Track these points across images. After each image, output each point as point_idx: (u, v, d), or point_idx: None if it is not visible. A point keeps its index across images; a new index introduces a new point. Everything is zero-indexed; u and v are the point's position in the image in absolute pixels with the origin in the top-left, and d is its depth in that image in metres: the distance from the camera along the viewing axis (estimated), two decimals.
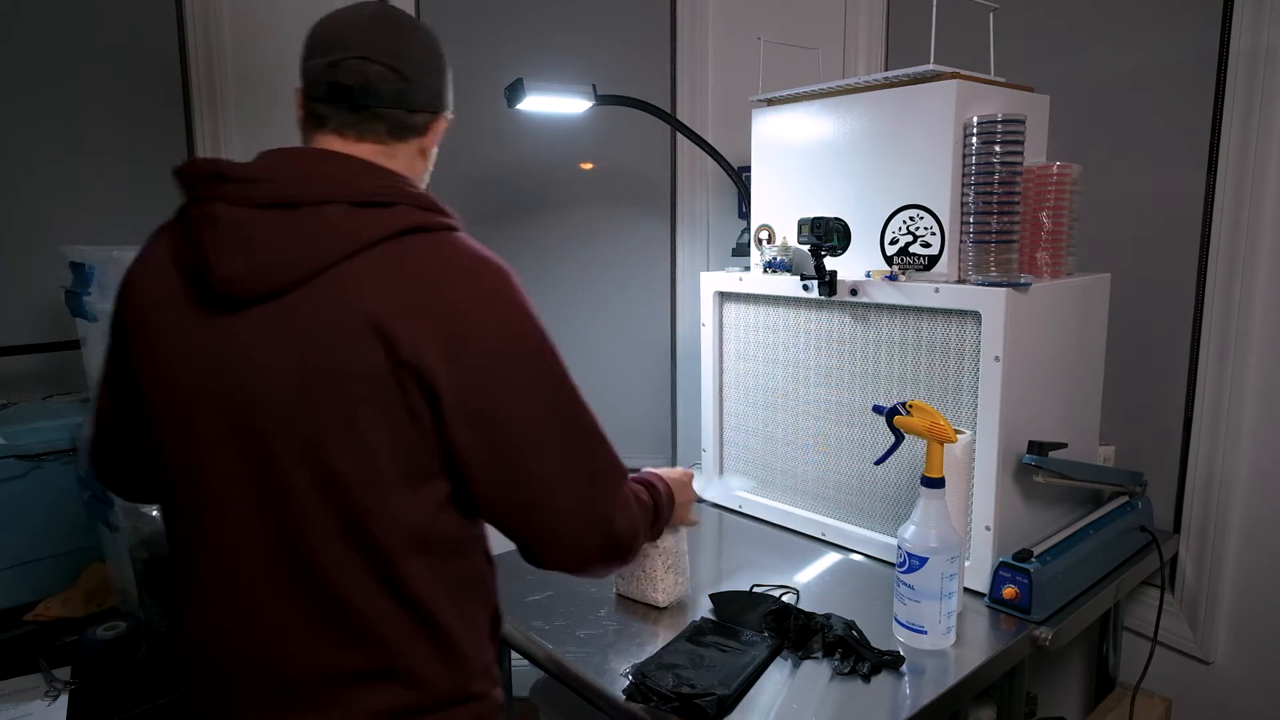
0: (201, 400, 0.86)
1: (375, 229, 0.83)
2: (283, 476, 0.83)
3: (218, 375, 0.85)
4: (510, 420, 0.85)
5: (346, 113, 0.90)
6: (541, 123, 2.17)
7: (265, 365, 0.83)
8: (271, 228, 0.82)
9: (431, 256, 0.84)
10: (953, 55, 1.38)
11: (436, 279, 0.83)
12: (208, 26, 2.17)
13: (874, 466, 1.51)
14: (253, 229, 0.82)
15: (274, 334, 0.83)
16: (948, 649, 1.22)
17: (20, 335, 1.93)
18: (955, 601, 1.22)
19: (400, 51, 0.90)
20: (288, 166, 0.86)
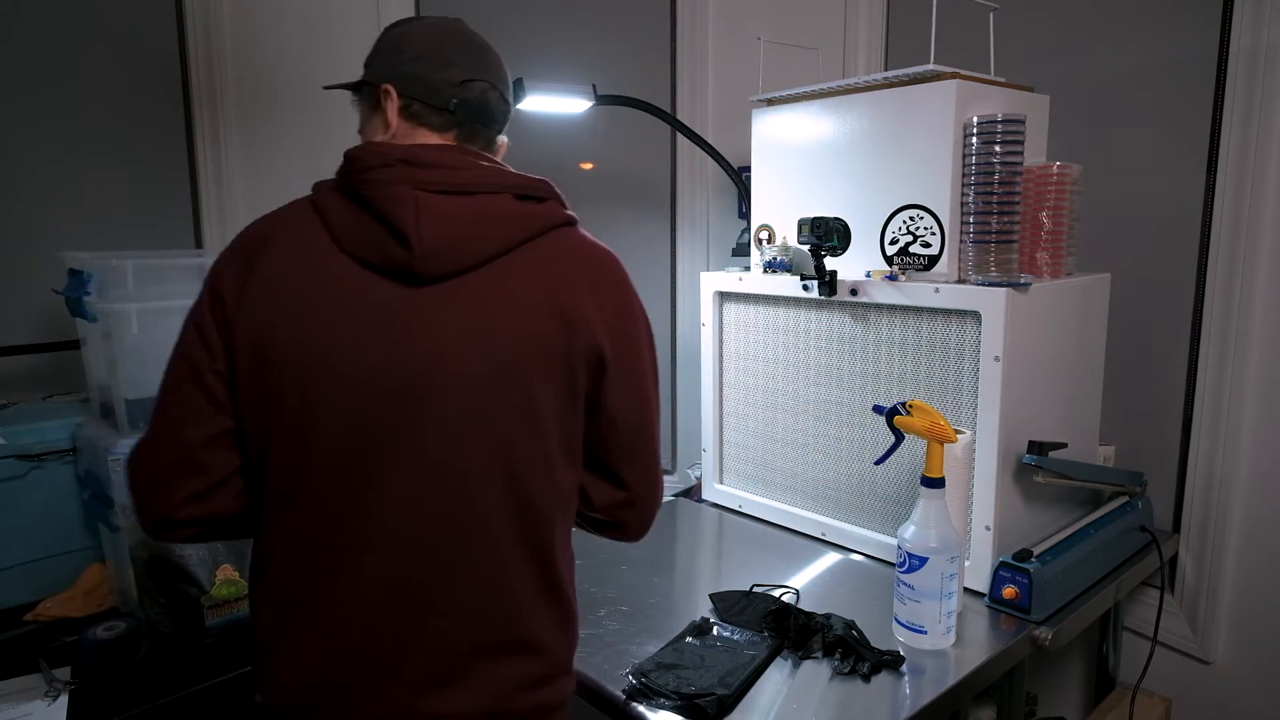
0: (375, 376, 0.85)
1: (540, 220, 0.93)
2: (454, 448, 0.87)
3: (396, 349, 0.85)
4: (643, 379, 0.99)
5: (472, 129, 0.98)
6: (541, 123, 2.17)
7: (448, 339, 0.86)
8: (462, 211, 0.88)
9: (585, 248, 0.96)
10: (953, 55, 1.38)
11: (593, 268, 0.95)
12: (208, 27, 2.17)
13: (874, 466, 1.51)
14: (446, 209, 0.87)
15: (461, 308, 0.87)
16: (948, 649, 1.22)
17: (20, 335, 1.93)
18: (955, 601, 1.22)
19: (505, 80, 1.03)
20: (454, 159, 0.92)
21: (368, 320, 0.86)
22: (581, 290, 0.92)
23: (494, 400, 0.88)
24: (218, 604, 1.39)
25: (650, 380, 1.01)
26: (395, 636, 0.88)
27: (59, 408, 1.74)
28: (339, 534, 0.88)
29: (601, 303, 0.93)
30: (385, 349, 0.85)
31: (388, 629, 0.88)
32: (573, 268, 0.93)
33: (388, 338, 0.86)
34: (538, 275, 0.90)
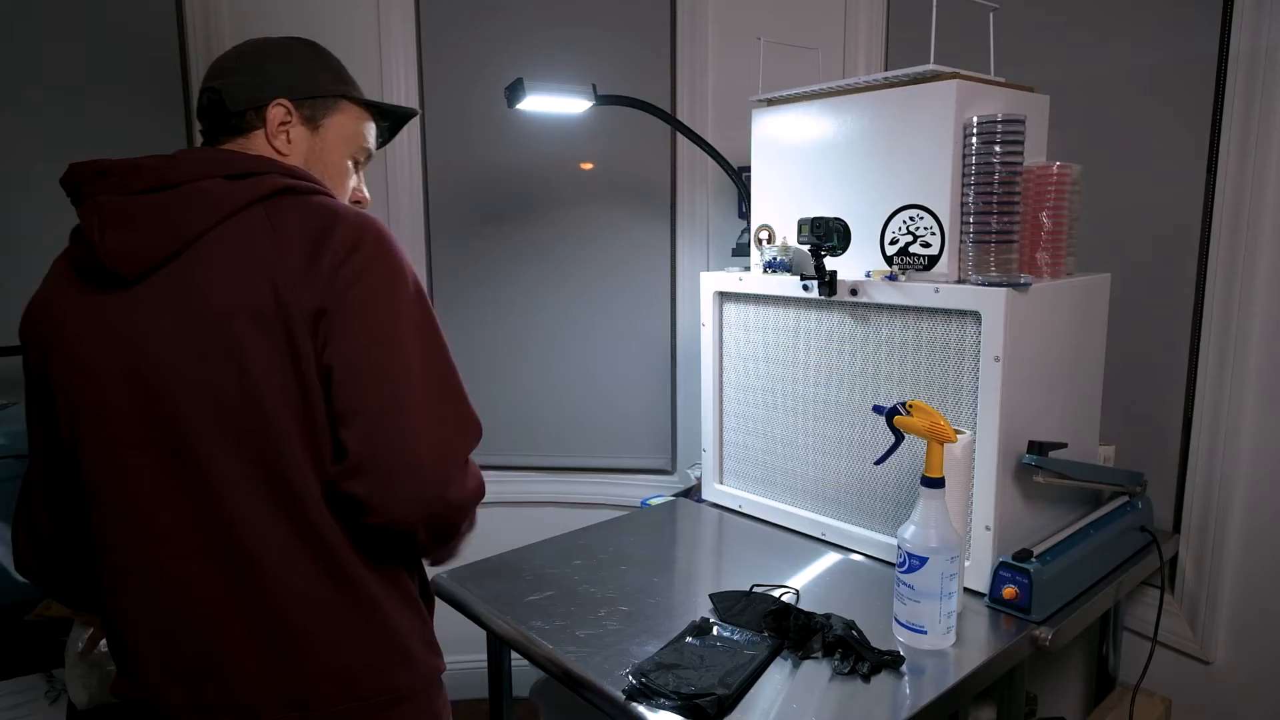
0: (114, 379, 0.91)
1: (250, 192, 0.92)
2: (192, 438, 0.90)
3: (123, 351, 0.91)
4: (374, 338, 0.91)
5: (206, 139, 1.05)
6: (541, 123, 2.17)
7: (163, 331, 0.90)
8: (151, 206, 0.91)
9: (306, 210, 0.92)
10: (953, 55, 1.38)
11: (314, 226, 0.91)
12: (208, 29, 2.17)
13: (874, 466, 1.51)
14: (134, 209, 0.91)
15: (168, 299, 0.90)
16: (948, 649, 1.22)
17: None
18: (955, 601, 1.22)
19: (215, 73, 1.04)
20: (166, 156, 0.96)
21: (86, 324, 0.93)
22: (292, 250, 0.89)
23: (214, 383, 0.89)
24: None
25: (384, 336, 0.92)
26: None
27: None
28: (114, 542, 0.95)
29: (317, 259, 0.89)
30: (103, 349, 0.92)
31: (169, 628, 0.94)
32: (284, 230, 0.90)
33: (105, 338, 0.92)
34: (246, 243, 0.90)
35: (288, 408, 0.89)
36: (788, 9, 2.17)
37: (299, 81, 1.04)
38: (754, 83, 1.72)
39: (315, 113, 1.06)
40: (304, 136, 1.05)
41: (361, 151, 1.11)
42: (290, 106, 1.03)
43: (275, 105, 1.02)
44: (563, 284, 2.44)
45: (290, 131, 1.04)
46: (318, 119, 1.06)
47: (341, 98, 1.08)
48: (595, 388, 2.48)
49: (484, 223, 2.44)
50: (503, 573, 1.48)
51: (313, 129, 1.06)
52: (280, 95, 1.03)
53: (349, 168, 1.11)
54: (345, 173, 1.10)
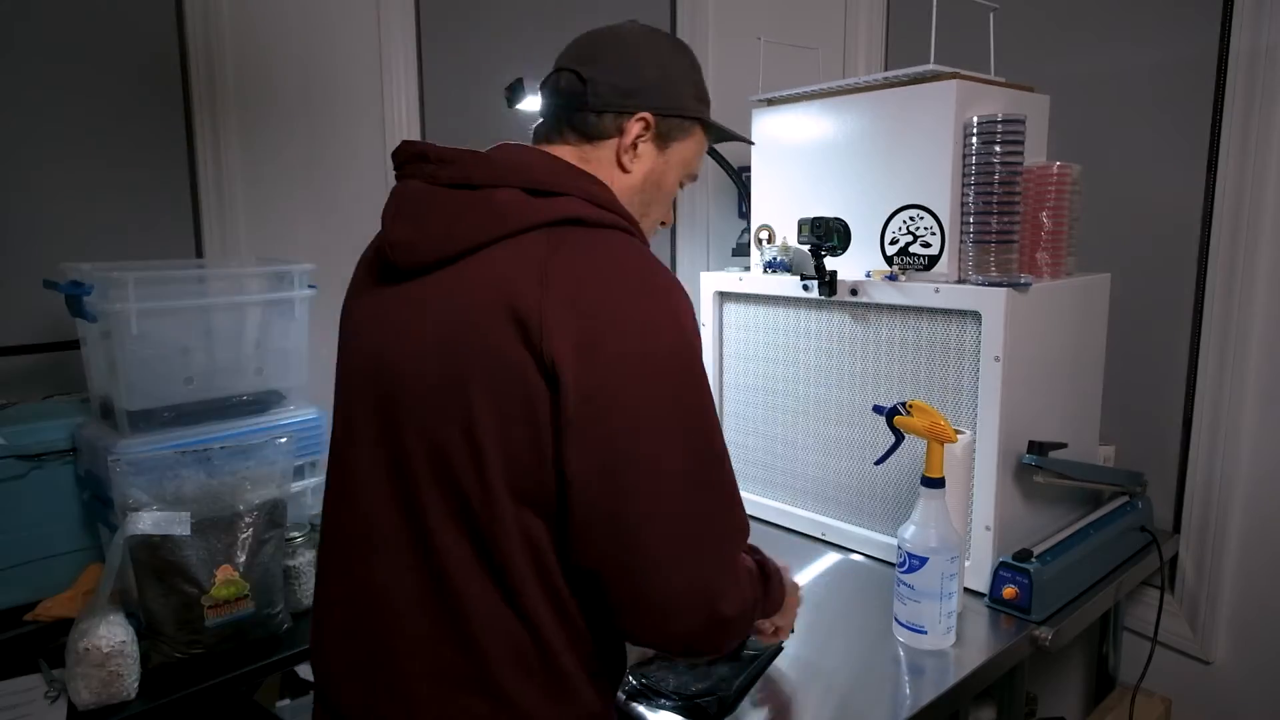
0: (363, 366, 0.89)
1: (538, 215, 0.82)
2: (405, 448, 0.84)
3: (374, 340, 0.88)
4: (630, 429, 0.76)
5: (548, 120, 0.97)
6: None
7: (409, 334, 0.84)
8: (448, 203, 0.86)
9: (585, 249, 0.81)
10: (953, 55, 1.38)
11: (583, 272, 0.79)
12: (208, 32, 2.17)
13: (874, 466, 1.51)
14: (431, 202, 0.86)
15: (424, 303, 0.84)
16: (948, 649, 1.22)
17: (20, 335, 1.93)
18: (955, 601, 1.22)
19: (587, 56, 0.95)
20: (483, 153, 0.89)
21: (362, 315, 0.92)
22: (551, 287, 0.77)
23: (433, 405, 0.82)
24: (218, 604, 1.39)
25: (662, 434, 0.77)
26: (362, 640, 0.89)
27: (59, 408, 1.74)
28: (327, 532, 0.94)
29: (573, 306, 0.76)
30: (366, 343, 0.90)
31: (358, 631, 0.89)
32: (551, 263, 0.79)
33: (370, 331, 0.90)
34: (510, 271, 0.79)
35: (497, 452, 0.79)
36: (788, 9, 2.16)
37: (669, 95, 0.96)
38: (754, 83, 1.72)
39: (670, 131, 0.97)
40: (650, 154, 0.97)
41: (692, 176, 1.05)
42: (652, 122, 0.95)
43: (639, 119, 0.94)
44: None
45: (640, 146, 0.95)
46: (670, 138, 0.97)
47: (698, 121, 1.00)
48: None
49: None
50: None
51: (661, 148, 0.97)
52: (648, 108, 0.94)
53: (675, 191, 1.04)
54: (670, 196, 1.03)
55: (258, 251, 2.19)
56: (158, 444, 1.51)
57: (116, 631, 1.27)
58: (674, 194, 1.03)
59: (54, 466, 1.61)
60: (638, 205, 0.97)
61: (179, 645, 1.37)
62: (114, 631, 1.27)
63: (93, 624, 1.26)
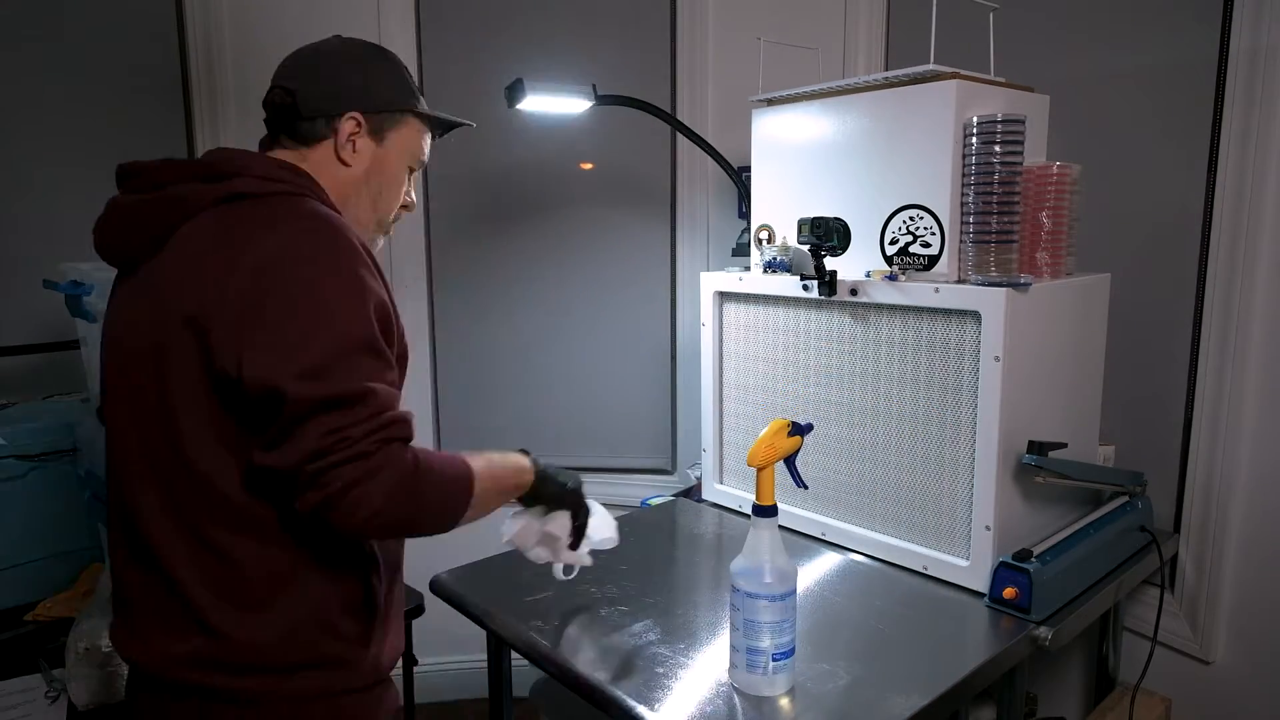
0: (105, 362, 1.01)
1: (206, 197, 0.94)
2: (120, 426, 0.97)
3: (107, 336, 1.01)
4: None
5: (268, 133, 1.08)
6: (541, 123, 2.17)
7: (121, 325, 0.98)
8: (137, 206, 0.98)
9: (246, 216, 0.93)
10: (953, 55, 1.38)
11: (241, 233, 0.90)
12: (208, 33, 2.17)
13: (874, 466, 1.51)
14: (125, 208, 0.99)
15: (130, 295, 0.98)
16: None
17: (20, 335, 1.94)
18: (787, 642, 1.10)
19: (293, 72, 1.06)
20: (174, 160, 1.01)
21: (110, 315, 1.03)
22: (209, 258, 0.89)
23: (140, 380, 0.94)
24: None
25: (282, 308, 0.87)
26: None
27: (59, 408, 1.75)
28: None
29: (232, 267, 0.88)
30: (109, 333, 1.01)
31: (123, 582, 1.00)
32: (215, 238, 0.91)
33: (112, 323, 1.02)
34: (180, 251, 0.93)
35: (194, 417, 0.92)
36: (788, 9, 2.17)
37: (373, 95, 1.06)
38: (754, 83, 1.72)
39: (382, 125, 1.08)
40: (369, 148, 1.07)
41: (417, 161, 1.14)
42: (361, 119, 1.05)
43: (348, 118, 1.05)
44: (563, 284, 2.44)
45: (357, 142, 1.06)
46: (384, 131, 1.08)
47: (408, 112, 1.10)
48: (595, 388, 2.48)
49: (484, 223, 2.44)
50: (503, 573, 1.48)
51: (378, 141, 1.08)
52: (354, 108, 1.05)
53: (404, 177, 1.14)
54: (399, 183, 1.13)
55: None
56: None
57: None
58: (403, 180, 1.13)
59: (54, 466, 1.61)
60: (367, 194, 1.08)
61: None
62: None
63: (93, 624, 1.26)
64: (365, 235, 1.08)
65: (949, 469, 1.41)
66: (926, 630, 1.28)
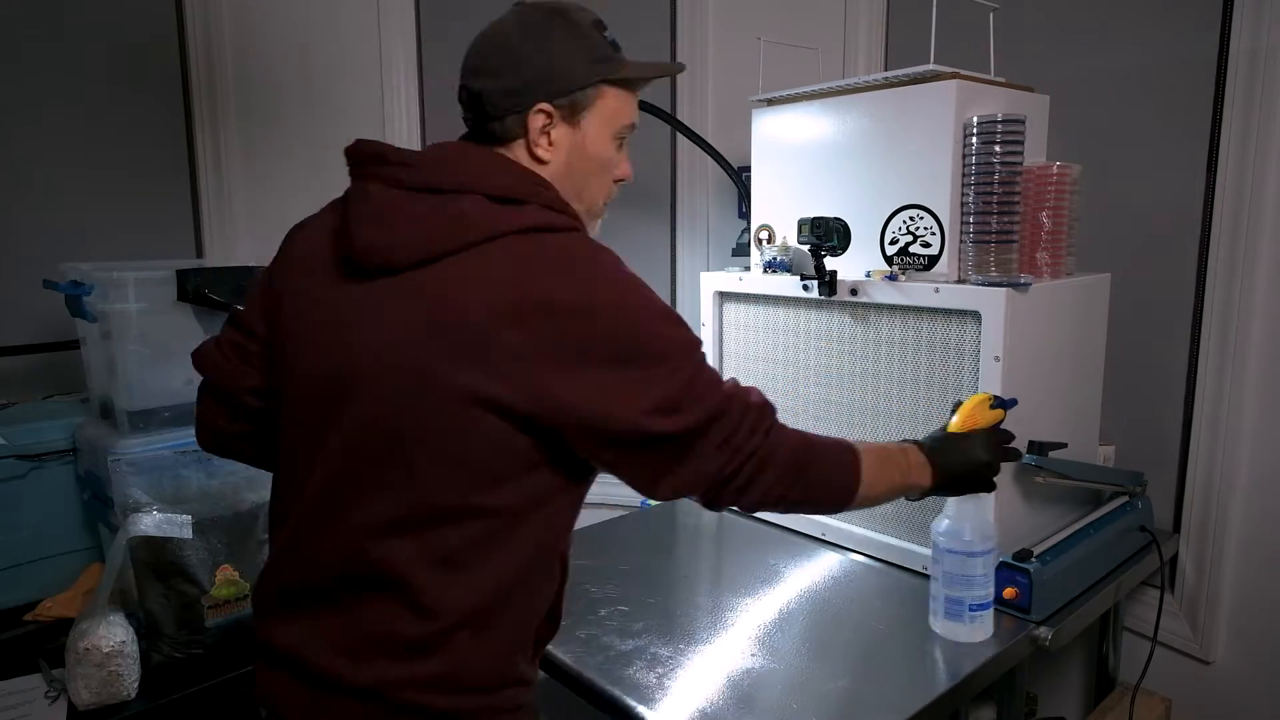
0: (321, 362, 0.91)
1: (506, 224, 0.87)
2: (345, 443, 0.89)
3: (337, 337, 0.90)
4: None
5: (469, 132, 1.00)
6: None
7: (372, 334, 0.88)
8: (414, 208, 0.88)
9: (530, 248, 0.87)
10: (953, 55, 1.38)
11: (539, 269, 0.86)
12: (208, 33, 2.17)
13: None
14: (397, 207, 0.89)
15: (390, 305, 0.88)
16: (951, 643, 1.22)
17: (20, 335, 1.93)
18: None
19: (475, 68, 0.98)
20: (437, 156, 0.93)
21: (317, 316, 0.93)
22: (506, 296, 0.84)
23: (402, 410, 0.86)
24: (218, 604, 1.39)
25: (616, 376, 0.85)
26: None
27: (59, 408, 1.75)
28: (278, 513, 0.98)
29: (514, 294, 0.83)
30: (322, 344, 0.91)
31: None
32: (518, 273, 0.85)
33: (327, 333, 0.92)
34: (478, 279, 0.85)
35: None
36: (788, 9, 2.16)
37: (558, 78, 0.96)
38: (754, 83, 1.72)
39: (576, 106, 0.97)
40: (565, 135, 0.98)
41: (626, 130, 1.04)
42: (550, 109, 0.96)
43: (536, 112, 0.95)
44: None
45: (551, 134, 0.97)
46: (579, 112, 0.98)
47: (602, 83, 0.98)
48: None
49: None
50: None
51: (574, 125, 0.98)
52: (541, 100, 0.95)
53: (613, 153, 1.04)
54: (608, 164, 1.04)
55: (257, 251, 2.19)
56: (158, 444, 1.51)
57: (116, 631, 1.27)
58: (611, 154, 1.03)
59: (54, 466, 1.61)
60: (571, 184, 0.99)
61: (179, 645, 1.37)
62: (114, 631, 1.27)
63: (93, 624, 1.26)
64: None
65: None
66: (927, 630, 1.28)
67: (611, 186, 1.06)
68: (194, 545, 1.37)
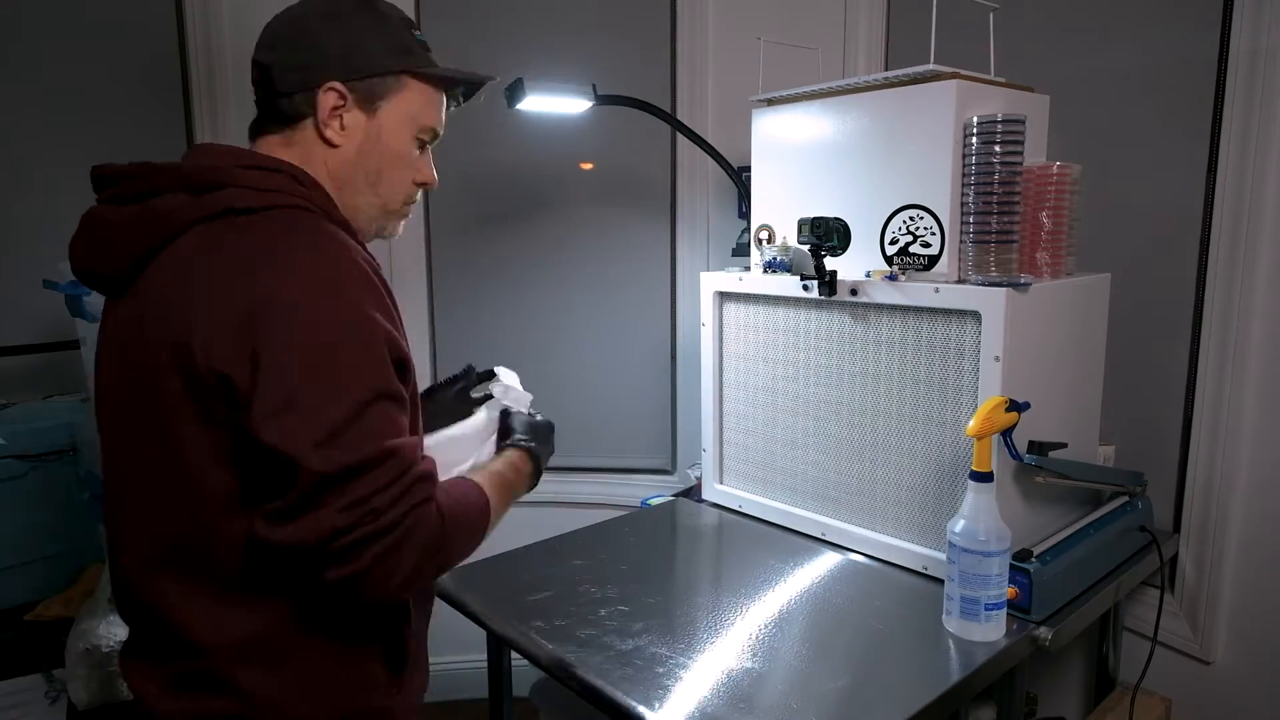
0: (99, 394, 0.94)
1: (192, 213, 0.84)
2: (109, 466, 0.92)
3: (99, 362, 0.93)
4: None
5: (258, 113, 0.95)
6: (541, 123, 2.17)
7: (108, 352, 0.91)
8: (115, 220, 0.87)
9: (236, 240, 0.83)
10: (953, 55, 1.38)
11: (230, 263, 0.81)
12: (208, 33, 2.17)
13: (874, 466, 1.51)
14: (103, 223, 0.88)
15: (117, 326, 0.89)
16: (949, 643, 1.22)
17: (20, 335, 1.94)
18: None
19: (267, 42, 0.92)
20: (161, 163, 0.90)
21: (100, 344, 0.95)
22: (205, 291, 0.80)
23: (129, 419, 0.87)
24: None
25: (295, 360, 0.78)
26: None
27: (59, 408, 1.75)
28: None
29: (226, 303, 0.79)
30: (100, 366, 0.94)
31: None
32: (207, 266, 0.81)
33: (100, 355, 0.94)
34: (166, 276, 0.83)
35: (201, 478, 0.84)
36: (788, 9, 2.17)
37: (354, 57, 0.90)
38: (754, 83, 1.72)
39: (373, 92, 0.92)
40: (359, 122, 0.92)
41: (427, 131, 0.98)
42: (344, 90, 0.90)
43: (326, 89, 0.90)
44: (563, 284, 2.44)
45: (344, 117, 0.92)
46: (375, 100, 0.92)
47: (405, 73, 0.93)
48: (595, 388, 2.48)
49: (484, 223, 2.44)
50: (503, 573, 1.48)
51: (369, 113, 0.93)
52: (333, 76, 0.90)
53: (411, 152, 0.98)
54: (404, 160, 0.97)
55: None
56: None
57: (116, 631, 1.27)
58: (409, 152, 0.97)
59: (54, 466, 1.61)
60: (363, 175, 0.94)
61: None
62: (114, 631, 1.27)
63: (93, 624, 1.26)
64: (371, 224, 0.98)
65: (949, 469, 1.41)
66: (927, 630, 1.28)
67: (411, 188, 1.00)
68: None
